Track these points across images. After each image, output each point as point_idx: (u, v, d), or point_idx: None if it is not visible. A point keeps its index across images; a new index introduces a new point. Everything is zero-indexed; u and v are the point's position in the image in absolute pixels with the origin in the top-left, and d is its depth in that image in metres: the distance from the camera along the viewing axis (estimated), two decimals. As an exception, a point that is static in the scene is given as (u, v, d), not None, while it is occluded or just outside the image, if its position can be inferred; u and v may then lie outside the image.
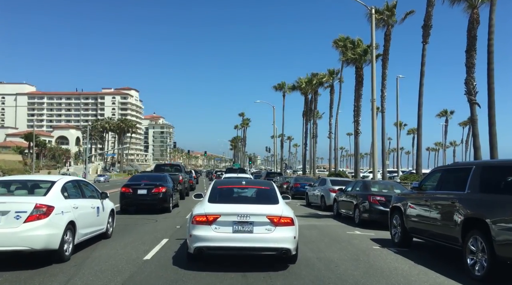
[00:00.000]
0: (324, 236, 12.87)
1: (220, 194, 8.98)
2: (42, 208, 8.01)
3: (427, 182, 10.66)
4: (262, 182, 11.04)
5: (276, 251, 7.98)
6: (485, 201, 7.81)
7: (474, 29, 25.52)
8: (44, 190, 8.80)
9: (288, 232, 7.97)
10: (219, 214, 7.92)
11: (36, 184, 9.47)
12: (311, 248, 10.59)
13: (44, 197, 8.45)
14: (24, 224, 7.78)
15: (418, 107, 31.70)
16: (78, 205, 9.33)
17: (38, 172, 76.19)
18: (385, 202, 14.97)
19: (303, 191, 27.97)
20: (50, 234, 8.01)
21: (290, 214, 8.20)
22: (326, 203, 21.64)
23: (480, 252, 7.67)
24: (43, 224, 7.91)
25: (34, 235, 7.79)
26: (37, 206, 7.97)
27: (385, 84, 37.96)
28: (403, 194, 11.98)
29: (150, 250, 9.85)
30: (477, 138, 25.33)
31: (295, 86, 68.55)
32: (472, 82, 25.41)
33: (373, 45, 22.63)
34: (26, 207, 7.90)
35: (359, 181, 19.57)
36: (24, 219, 7.80)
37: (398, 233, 11.33)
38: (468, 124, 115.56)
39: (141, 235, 12.30)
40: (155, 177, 20.85)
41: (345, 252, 10.27)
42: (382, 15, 36.66)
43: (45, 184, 9.16)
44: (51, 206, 8.17)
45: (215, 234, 7.79)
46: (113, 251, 9.84)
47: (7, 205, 7.92)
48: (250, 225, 7.82)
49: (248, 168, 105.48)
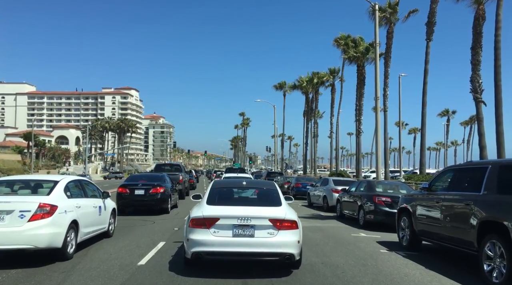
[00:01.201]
0: (328, 238, 12.32)
1: (220, 195, 8.46)
2: (46, 207, 8.15)
3: (438, 182, 10.12)
4: (263, 183, 10.55)
5: (279, 257, 7.46)
6: (504, 203, 7.26)
7: (480, 25, 24.96)
8: (47, 190, 8.94)
9: (292, 236, 7.47)
10: (218, 217, 7.42)
11: (39, 183, 9.62)
12: (315, 252, 10.05)
13: (48, 196, 8.59)
14: (28, 223, 7.92)
15: (422, 106, 31.17)
16: (80, 204, 9.45)
17: (37, 172, 75.72)
18: (391, 203, 14.46)
19: (305, 191, 27.43)
20: (54, 233, 8.15)
21: (294, 217, 7.69)
22: (329, 204, 21.10)
23: (498, 257, 7.14)
24: (47, 223, 8.06)
25: (38, 233, 7.94)
26: (41, 206, 8.11)
27: (387, 83, 37.37)
28: (411, 195, 11.43)
29: (145, 255, 9.29)
30: (483, 137, 24.74)
31: (296, 85, 67.95)
32: (478, 79, 24.83)
33: (377, 41, 22.09)
34: (30, 207, 8.05)
35: (363, 181, 19.01)
36: (28, 218, 7.95)
37: (407, 236, 10.79)
38: (470, 124, 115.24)
39: (137, 237, 11.75)
40: (153, 177, 20.26)
41: (352, 256, 9.72)
42: (385, 12, 36.06)
43: (48, 184, 9.29)
44: (55, 206, 8.30)
45: (213, 238, 7.30)
46: (106, 255, 9.29)
47: (12, 204, 8.05)
48: (251, 229, 7.34)
49: (249, 168, 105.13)
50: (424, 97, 30.99)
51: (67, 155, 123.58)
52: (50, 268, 8.03)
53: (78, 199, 9.56)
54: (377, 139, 22.26)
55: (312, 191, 24.40)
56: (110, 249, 10.01)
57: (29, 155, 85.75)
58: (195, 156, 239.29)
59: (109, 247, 10.21)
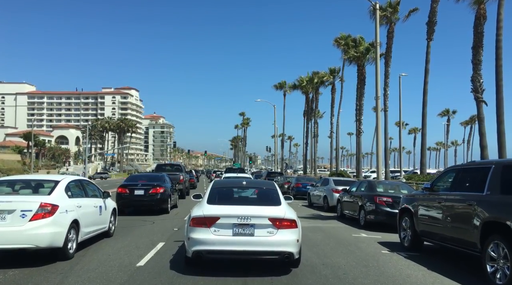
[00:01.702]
0: (329, 239, 12.22)
1: (220, 195, 8.52)
2: (47, 207, 8.18)
3: (440, 182, 10.02)
4: (263, 183, 10.63)
5: (278, 255, 7.52)
6: (507, 203, 7.15)
7: (481, 25, 24.83)
8: (49, 190, 8.97)
9: (291, 235, 7.54)
10: (218, 216, 7.49)
11: (40, 183, 9.64)
12: (316, 253, 9.95)
13: (49, 196, 8.62)
14: (29, 222, 7.95)
15: (423, 106, 31.03)
16: (81, 204, 9.50)
17: (37, 172, 75.63)
18: (392, 203, 14.35)
19: (305, 191, 27.32)
20: (55, 232, 8.18)
21: (293, 216, 7.76)
22: (329, 204, 21.00)
23: (501, 259, 7.04)
24: (48, 222, 8.09)
25: (39, 233, 7.96)
26: (42, 205, 8.14)
27: (388, 83, 37.18)
28: (413, 195, 11.32)
29: (144, 255, 9.19)
30: (484, 136, 24.61)
31: (296, 85, 67.79)
32: (479, 79, 24.70)
33: (377, 40, 21.97)
34: (32, 206, 8.08)
35: (364, 181, 18.89)
36: (30, 217, 7.98)
37: (408, 237, 10.70)
38: (471, 124, 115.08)
39: (136, 238, 11.64)
40: (152, 177, 20.22)
41: (353, 257, 9.62)
42: (385, 12, 35.92)
43: (49, 184, 9.31)
44: (56, 205, 8.32)
45: (214, 237, 7.36)
46: (105, 256, 9.18)
47: (13, 204, 8.07)
48: (251, 228, 7.41)
49: (249, 168, 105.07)
50: (424, 96, 30.85)
51: (67, 155, 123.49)
52: (48, 269, 7.95)
53: (79, 199, 9.61)
54: (378, 138, 22.14)
55: (313, 191, 24.29)
56: (108, 250, 9.91)
57: (29, 155, 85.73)
58: (195, 156, 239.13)
59: (108, 248, 10.11)
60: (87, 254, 9.37)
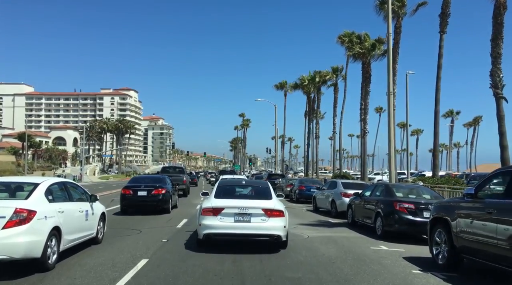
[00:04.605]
0: (345, 254, 10.28)
1: (224, 191, 10.70)
2: (23, 213, 7.33)
3: (487, 187, 8.14)
4: (258, 182, 13.99)
5: (269, 237, 9.84)
6: None
7: (501, 15, 22.87)
8: (26, 193, 8.09)
9: (279, 222, 9.74)
10: (223, 207, 9.67)
11: (20, 186, 8.77)
12: (333, 274, 8.05)
13: (25, 200, 7.77)
14: (2, 230, 7.12)
15: (435, 103, 28.98)
16: (64, 209, 8.65)
17: (31, 174, 73.74)
18: (415, 211, 12.51)
19: (309, 195, 25.46)
20: (32, 241, 7.33)
21: (281, 208, 10.02)
22: (338, 209, 19.11)
23: None
24: (23, 230, 7.24)
25: (13, 242, 7.13)
26: (17, 211, 7.30)
27: (395, 80, 35.12)
28: (448, 203, 9.44)
29: (117, 280, 7.31)
30: (504, 136, 22.63)
31: (297, 84, 65.83)
32: (498, 74, 22.75)
33: (389, 30, 20.11)
34: (5, 212, 7.24)
35: (379, 184, 16.96)
36: (3, 225, 7.15)
37: (444, 253, 8.80)
38: (474, 125, 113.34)
39: (115, 253, 9.74)
40: (154, 178, 21.37)
41: (380, 280, 7.72)
42: (393, 5, 34.03)
43: (29, 187, 8.38)
44: (33, 211, 7.47)
45: (220, 223, 9.55)
46: (69, 280, 7.30)
47: None
48: (248, 216, 9.58)
49: (249, 170, 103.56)
50: (437, 94, 28.86)
51: (64, 156, 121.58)
52: (22, 282, 7.04)
53: (62, 203, 8.77)
54: (390, 137, 20.24)
55: (319, 195, 22.40)
56: (76, 273, 8.00)
57: (23, 156, 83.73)
58: (194, 158, 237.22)
59: (77, 268, 8.21)
60: (69, 264, 8.03)
